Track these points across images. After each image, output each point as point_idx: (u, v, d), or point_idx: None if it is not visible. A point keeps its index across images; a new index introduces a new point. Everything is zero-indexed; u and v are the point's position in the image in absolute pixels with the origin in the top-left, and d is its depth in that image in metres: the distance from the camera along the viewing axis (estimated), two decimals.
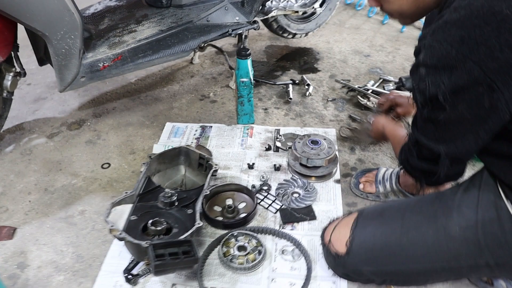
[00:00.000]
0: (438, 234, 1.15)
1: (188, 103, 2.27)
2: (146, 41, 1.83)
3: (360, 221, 1.27)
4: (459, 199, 1.16)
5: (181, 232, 1.35)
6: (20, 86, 2.41)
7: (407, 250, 1.19)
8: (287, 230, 1.55)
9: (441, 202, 1.19)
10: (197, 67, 2.58)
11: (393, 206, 1.30)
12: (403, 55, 2.67)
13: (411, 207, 1.24)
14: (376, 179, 1.69)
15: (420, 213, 1.20)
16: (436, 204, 1.19)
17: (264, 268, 1.43)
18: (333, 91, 2.35)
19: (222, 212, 1.62)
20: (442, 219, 1.15)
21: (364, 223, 1.26)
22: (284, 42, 2.83)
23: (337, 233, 1.30)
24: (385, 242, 1.21)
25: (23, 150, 1.98)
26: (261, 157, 1.89)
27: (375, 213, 1.29)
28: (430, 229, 1.16)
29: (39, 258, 1.51)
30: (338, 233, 1.29)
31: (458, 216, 1.13)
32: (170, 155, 1.73)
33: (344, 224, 1.30)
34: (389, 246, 1.21)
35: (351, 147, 1.94)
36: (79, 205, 1.70)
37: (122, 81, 2.44)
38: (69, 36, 1.59)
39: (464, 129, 1.05)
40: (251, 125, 2.07)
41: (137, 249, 1.29)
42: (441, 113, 1.02)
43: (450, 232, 1.13)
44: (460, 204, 1.15)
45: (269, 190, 1.72)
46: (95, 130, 2.09)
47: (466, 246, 1.12)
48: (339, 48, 2.77)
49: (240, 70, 1.94)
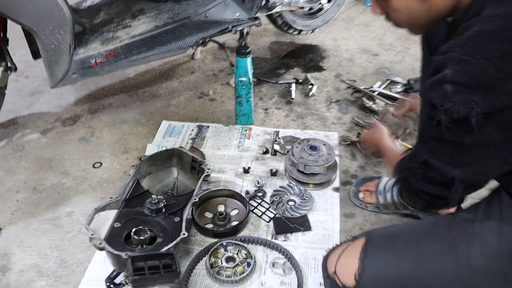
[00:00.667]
0: (459, 265, 1.02)
1: (186, 101, 2.20)
2: (140, 37, 1.76)
3: (369, 250, 1.12)
4: (480, 225, 1.04)
5: (166, 242, 1.28)
6: (17, 78, 2.37)
7: (425, 284, 1.06)
8: (280, 241, 1.48)
9: (460, 228, 1.07)
10: (198, 62, 2.50)
11: (405, 231, 1.17)
12: (413, 55, 2.57)
13: (426, 233, 1.11)
14: (377, 189, 1.61)
15: (437, 241, 1.08)
16: (455, 231, 1.07)
17: (253, 281, 1.37)
18: (337, 91, 2.26)
19: (213, 219, 1.55)
20: (463, 248, 1.03)
21: (374, 252, 1.12)
22: (289, 39, 2.73)
23: (343, 263, 1.14)
24: (399, 275, 1.08)
25: (15, 146, 1.94)
26: (257, 161, 1.81)
27: (386, 240, 1.15)
28: (450, 260, 1.03)
29: (22, 262, 1.47)
30: (344, 263, 1.14)
31: (481, 245, 1.02)
32: (162, 157, 1.67)
33: (350, 252, 1.15)
34: (404, 279, 1.08)
35: (353, 153, 1.86)
36: (67, 206, 1.65)
37: (120, 76, 2.38)
38: (58, 31, 1.53)
39: (489, 153, 0.94)
40: (249, 126, 2.00)
41: (117, 260, 1.23)
42: (466, 135, 0.91)
43: (473, 263, 1.01)
44: (482, 231, 1.03)
45: (263, 197, 1.64)
46: (89, 127, 2.04)
47: (490, 278, 1.01)
48: (346, 46, 2.67)
49: (239, 69, 1.86)
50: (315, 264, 1.42)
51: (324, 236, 1.52)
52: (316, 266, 1.41)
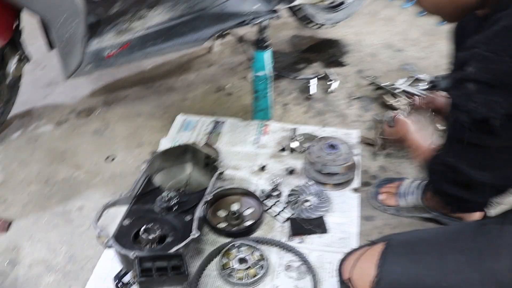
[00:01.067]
0: (484, 279, 0.95)
1: (202, 95, 2.15)
2: (155, 29, 1.71)
3: (388, 257, 1.05)
4: (508, 235, 0.97)
5: (176, 242, 1.24)
6: (34, 69, 2.35)
7: None
8: (295, 243, 1.42)
9: (486, 239, 0.99)
10: (216, 56, 2.45)
11: (427, 239, 1.09)
12: (439, 51, 2.46)
13: (450, 242, 1.04)
14: (399, 191, 1.53)
15: (461, 251, 1.00)
16: (481, 241, 0.99)
17: (265, 285, 1.31)
18: (359, 88, 2.18)
19: (227, 218, 1.50)
20: (489, 261, 0.95)
21: (393, 260, 1.05)
22: (310, 33, 2.65)
23: (359, 269, 1.09)
24: (419, 285, 1.01)
25: (29, 138, 1.92)
26: (274, 159, 1.75)
27: (406, 247, 1.08)
28: (475, 273, 0.96)
29: (31, 256, 1.44)
30: (360, 269, 1.08)
31: (509, 258, 0.94)
32: (176, 152, 1.63)
33: (368, 258, 1.09)
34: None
35: (373, 153, 1.78)
36: (78, 200, 1.62)
37: (137, 68, 2.34)
38: (71, 21, 1.49)
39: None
40: (266, 122, 1.94)
41: (125, 259, 1.19)
42: (489, 138, 0.86)
43: (499, 278, 0.94)
44: (510, 242, 0.96)
45: (279, 196, 1.58)
46: (104, 119, 2.00)
47: None
48: (369, 41, 2.58)
49: (257, 63, 1.80)
50: (331, 268, 1.36)
51: (341, 239, 1.45)
52: (332, 271, 1.35)
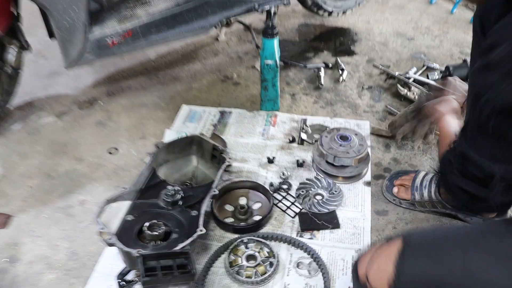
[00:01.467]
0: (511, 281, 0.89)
1: (208, 84, 2.09)
2: (160, 16, 1.64)
3: (407, 255, 0.99)
4: None
5: (181, 239, 1.18)
6: (35, 59, 2.28)
7: None
8: (305, 239, 1.37)
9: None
10: (222, 44, 2.38)
11: (449, 236, 1.03)
12: (452, 39, 2.39)
13: (474, 241, 0.98)
14: (413, 184, 1.46)
15: (487, 251, 0.94)
16: (508, 240, 0.93)
17: (275, 282, 1.25)
18: (369, 77, 2.11)
19: (234, 212, 1.44)
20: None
21: (412, 258, 1.00)
22: (319, 21, 2.58)
23: (375, 266, 1.03)
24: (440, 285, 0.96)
25: (31, 129, 1.86)
26: (283, 150, 1.69)
27: (427, 245, 1.02)
28: (500, 274, 0.90)
29: (31, 252, 1.39)
30: (377, 267, 1.03)
31: None
32: (181, 144, 1.56)
33: (385, 255, 1.03)
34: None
35: (386, 144, 1.71)
36: (80, 194, 1.56)
37: (141, 57, 2.28)
38: (72, 8, 1.43)
39: None
40: (275, 113, 1.87)
41: (129, 257, 1.13)
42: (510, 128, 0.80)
43: None
44: None
45: (289, 190, 1.52)
46: (107, 110, 1.94)
47: None
48: (379, 29, 2.50)
49: (265, 50, 1.73)
50: (343, 265, 1.30)
51: (354, 234, 1.39)
52: (344, 268, 1.29)
